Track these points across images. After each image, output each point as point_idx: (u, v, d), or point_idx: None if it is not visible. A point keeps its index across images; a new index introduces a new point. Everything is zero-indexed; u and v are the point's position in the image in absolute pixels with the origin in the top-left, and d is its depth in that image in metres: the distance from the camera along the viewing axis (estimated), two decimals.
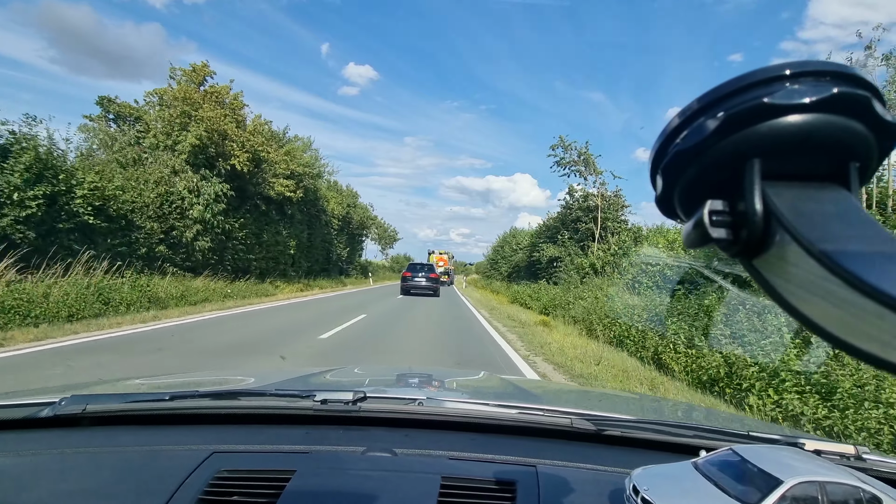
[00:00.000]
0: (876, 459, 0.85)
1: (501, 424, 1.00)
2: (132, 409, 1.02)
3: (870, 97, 0.23)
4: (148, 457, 0.87)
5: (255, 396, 1.10)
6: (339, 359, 5.87)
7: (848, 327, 0.20)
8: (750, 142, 0.23)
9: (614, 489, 0.75)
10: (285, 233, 20.78)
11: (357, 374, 1.81)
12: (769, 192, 0.23)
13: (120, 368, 4.81)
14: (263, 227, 18.87)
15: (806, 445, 0.83)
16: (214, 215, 14.79)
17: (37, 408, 0.99)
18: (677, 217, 0.28)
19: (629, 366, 6.30)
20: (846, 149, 0.24)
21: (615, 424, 0.97)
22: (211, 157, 15.17)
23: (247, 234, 17.25)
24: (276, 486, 0.75)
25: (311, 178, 22.77)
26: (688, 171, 0.25)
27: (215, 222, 14.85)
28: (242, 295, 14.55)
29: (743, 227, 0.24)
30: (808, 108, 0.23)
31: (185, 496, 0.73)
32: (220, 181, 15.18)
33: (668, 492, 0.59)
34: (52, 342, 6.11)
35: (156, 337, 6.89)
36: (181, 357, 5.60)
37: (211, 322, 8.97)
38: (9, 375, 4.45)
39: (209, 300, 12.57)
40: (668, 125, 0.26)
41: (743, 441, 0.89)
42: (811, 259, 0.21)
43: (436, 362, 5.85)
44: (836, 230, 0.22)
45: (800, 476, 0.55)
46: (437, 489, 0.75)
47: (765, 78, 0.23)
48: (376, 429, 1.00)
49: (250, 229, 17.60)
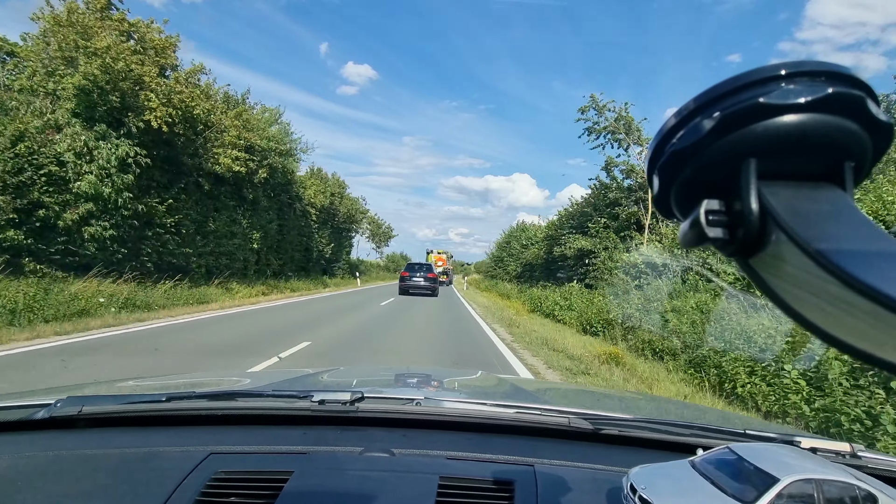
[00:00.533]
0: (871, 457, 0.87)
1: (499, 424, 1.00)
2: (129, 411, 1.02)
3: (864, 97, 0.23)
4: (144, 458, 0.87)
5: (253, 397, 1.10)
6: None
7: (843, 326, 0.20)
8: (746, 141, 0.23)
9: (612, 488, 0.75)
10: (245, 222, 16.52)
11: (354, 374, 1.84)
12: (765, 191, 0.23)
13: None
14: (210, 212, 14.55)
15: (802, 443, 0.84)
16: (119, 191, 10.41)
17: (32, 409, 0.99)
18: (674, 217, 0.27)
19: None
20: (841, 148, 0.24)
21: (613, 423, 0.98)
22: (115, 110, 10.76)
23: (181, 221, 12.93)
24: (274, 487, 0.75)
25: (280, 155, 18.15)
26: (684, 171, 0.25)
27: (121, 200, 10.47)
28: (160, 303, 10.27)
29: (739, 226, 0.24)
30: (804, 107, 0.23)
31: (182, 498, 0.73)
32: (132, 144, 10.80)
33: (666, 490, 0.59)
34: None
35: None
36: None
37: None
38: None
39: (90, 313, 8.27)
40: (664, 125, 0.26)
41: (739, 439, 0.90)
42: (807, 258, 0.21)
43: None
44: (831, 229, 0.22)
45: (796, 474, 0.56)
46: (435, 489, 0.76)
47: (760, 78, 0.23)
48: (374, 429, 1.00)
49: (188, 214, 13.30)
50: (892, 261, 0.20)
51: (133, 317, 8.68)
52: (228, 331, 7.85)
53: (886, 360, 0.20)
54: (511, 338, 8.36)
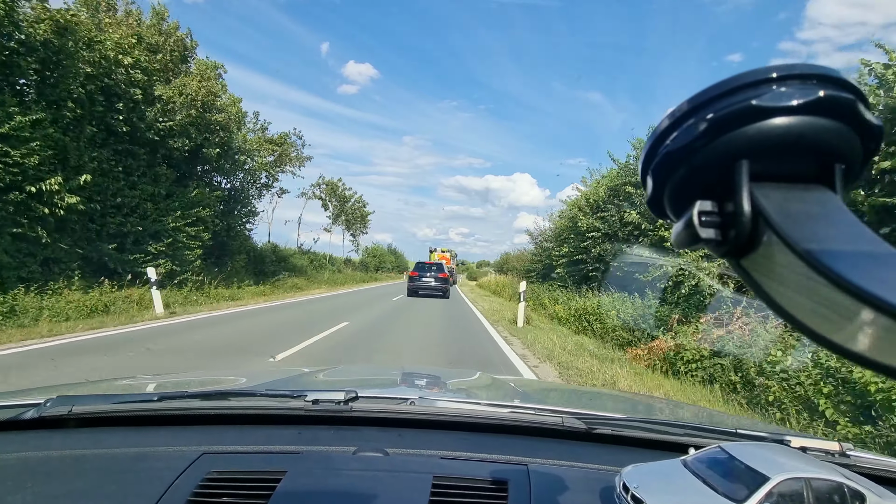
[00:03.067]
0: (860, 456, 0.87)
1: (493, 424, 1.00)
2: (120, 411, 1.01)
3: (855, 100, 0.23)
4: (136, 459, 0.86)
5: (246, 397, 1.09)
6: None
7: (833, 326, 0.21)
8: (738, 143, 0.24)
9: (605, 487, 0.75)
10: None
11: (349, 373, 1.83)
12: (757, 192, 0.24)
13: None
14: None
15: (792, 442, 0.84)
16: None
17: (21, 409, 0.98)
18: (668, 217, 0.28)
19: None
20: (832, 150, 0.24)
21: (606, 423, 0.98)
22: None
23: None
24: (267, 487, 0.75)
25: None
26: (677, 173, 0.26)
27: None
28: None
29: (731, 227, 0.24)
30: (795, 110, 0.23)
31: (174, 498, 0.73)
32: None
33: (658, 489, 0.60)
34: None
35: None
36: None
37: None
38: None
39: None
40: (658, 127, 0.26)
41: (731, 438, 0.90)
42: (796, 258, 0.21)
43: None
44: (821, 230, 0.22)
45: (786, 472, 0.56)
46: (428, 489, 0.76)
47: (752, 80, 0.24)
48: (368, 429, 0.99)
49: None
50: (879, 262, 0.20)
51: None
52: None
53: (876, 361, 0.20)
54: None
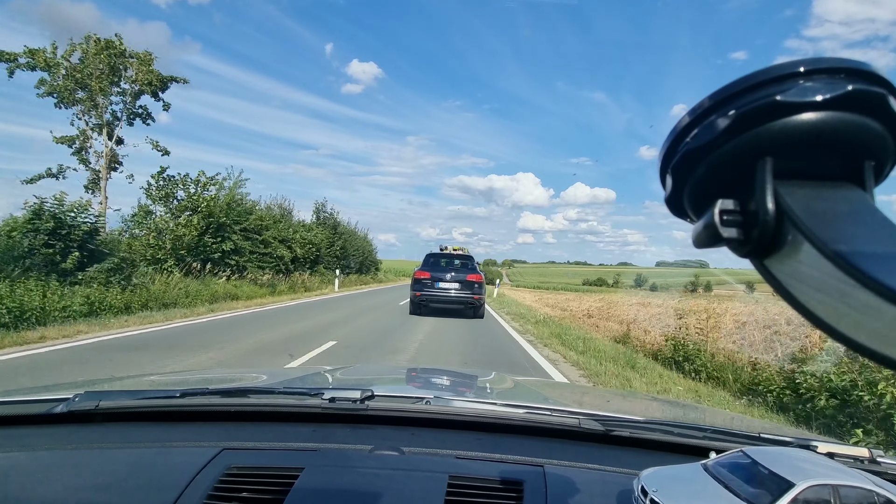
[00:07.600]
0: (891, 462, 0.84)
1: (509, 424, 1.00)
2: (144, 406, 1.04)
3: (885, 94, 0.22)
4: (159, 453, 0.89)
5: (265, 394, 1.12)
6: None
7: (862, 329, 0.20)
8: (762, 140, 0.23)
9: (622, 490, 0.74)
10: None
11: (365, 372, 1.87)
12: (781, 191, 0.23)
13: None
14: None
15: (819, 448, 0.82)
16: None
17: (51, 404, 1.01)
18: (687, 217, 0.27)
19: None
20: (861, 147, 0.23)
21: (623, 425, 0.97)
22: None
23: None
24: (285, 483, 0.76)
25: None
26: (698, 170, 0.25)
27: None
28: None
29: (754, 226, 0.24)
30: (822, 105, 0.22)
31: (195, 492, 0.74)
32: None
33: (678, 494, 0.58)
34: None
35: None
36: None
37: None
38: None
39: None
40: (678, 123, 0.26)
41: (753, 443, 0.89)
42: (824, 259, 0.21)
43: None
44: (850, 230, 0.21)
45: (812, 479, 0.54)
46: (444, 488, 0.76)
47: (777, 75, 0.23)
48: (384, 427, 1.01)
49: None
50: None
51: None
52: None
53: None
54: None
